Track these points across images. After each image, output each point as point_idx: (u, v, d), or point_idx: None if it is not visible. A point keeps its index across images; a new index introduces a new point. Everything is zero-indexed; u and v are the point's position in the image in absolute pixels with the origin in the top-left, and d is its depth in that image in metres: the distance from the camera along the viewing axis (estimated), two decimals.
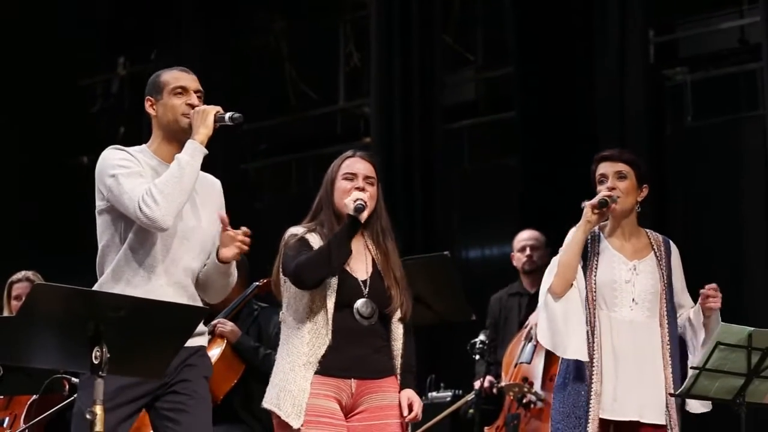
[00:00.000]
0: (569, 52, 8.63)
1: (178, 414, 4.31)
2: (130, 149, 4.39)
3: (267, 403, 4.50)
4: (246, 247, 4.34)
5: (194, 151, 4.29)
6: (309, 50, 10.97)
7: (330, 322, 4.47)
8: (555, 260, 5.04)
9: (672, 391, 4.89)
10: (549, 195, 8.24)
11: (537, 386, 6.72)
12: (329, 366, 4.46)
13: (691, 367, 4.78)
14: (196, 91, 4.45)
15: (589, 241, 5.04)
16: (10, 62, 10.40)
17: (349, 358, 4.48)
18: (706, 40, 9.01)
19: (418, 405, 4.58)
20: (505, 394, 6.86)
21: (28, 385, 5.69)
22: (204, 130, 4.32)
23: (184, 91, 4.42)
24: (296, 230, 4.60)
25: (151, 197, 4.19)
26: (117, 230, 4.33)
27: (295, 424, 4.40)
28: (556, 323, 4.94)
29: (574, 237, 4.99)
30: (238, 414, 6.08)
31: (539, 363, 6.76)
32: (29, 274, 6.89)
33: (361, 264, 4.59)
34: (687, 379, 4.77)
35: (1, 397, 6.42)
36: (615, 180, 5.02)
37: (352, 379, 4.49)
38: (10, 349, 3.80)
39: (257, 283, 6.20)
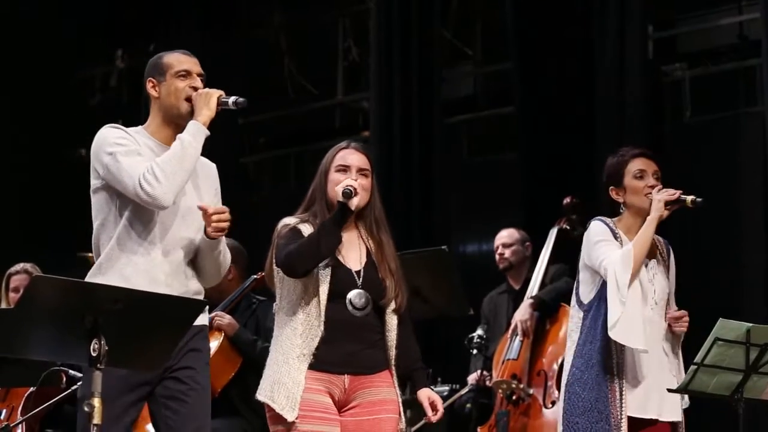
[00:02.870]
0: (568, 47, 8.63)
1: (177, 403, 4.32)
2: (128, 129, 4.40)
3: (261, 395, 4.49)
4: (221, 224, 4.31)
5: (197, 131, 4.31)
6: (308, 44, 10.96)
7: (322, 313, 4.45)
8: (624, 251, 4.90)
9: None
10: (547, 190, 8.24)
11: (525, 382, 6.74)
12: (322, 361, 4.45)
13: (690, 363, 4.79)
14: (198, 75, 4.46)
15: (614, 234, 5.01)
16: (9, 55, 10.39)
17: (343, 353, 4.47)
18: (705, 36, 9.00)
19: (440, 403, 4.60)
20: (496, 391, 6.87)
21: (26, 377, 5.69)
22: (207, 111, 4.34)
23: (187, 74, 4.44)
24: (289, 221, 4.59)
25: (153, 175, 4.20)
26: (113, 209, 4.34)
27: (290, 417, 4.39)
28: (632, 312, 4.85)
29: (647, 230, 4.91)
30: (235, 407, 6.08)
31: (526, 358, 6.77)
32: (27, 266, 6.89)
33: (354, 255, 4.57)
34: (685, 375, 4.78)
35: None
36: (655, 179, 5.03)
37: (346, 375, 4.49)
38: (8, 340, 3.80)
39: (255, 276, 6.20)
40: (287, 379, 4.42)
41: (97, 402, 3.73)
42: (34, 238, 9.82)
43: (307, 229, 4.52)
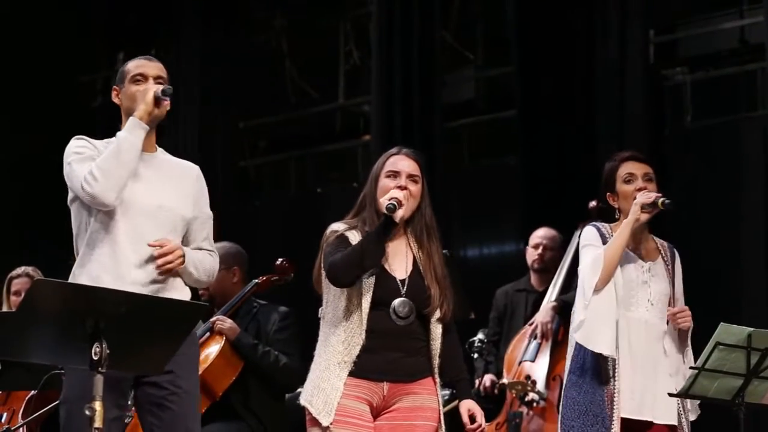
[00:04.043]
0: (569, 50, 8.63)
1: (160, 409, 4.34)
2: (95, 140, 4.48)
3: (302, 399, 4.53)
4: (167, 267, 4.34)
5: (132, 126, 4.37)
6: (309, 48, 10.96)
7: (364, 321, 4.45)
8: (600, 255, 4.93)
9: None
10: (548, 194, 8.24)
11: (540, 385, 6.72)
12: (363, 368, 4.46)
13: (690, 367, 4.78)
14: (156, 78, 4.49)
15: (608, 239, 5.02)
16: (11, 58, 10.39)
17: (384, 361, 4.47)
18: (707, 41, 8.99)
19: (480, 415, 4.60)
20: (507, 392, 6.85)
21: (27, 381, 5.69)
22: (143, 106, 4.40)
23: (143, 78, 4.48)
24: (337, 227, 4.58)
25: (92, 175, 4.28)
26: (84, 215, 4.42)
27: (325, 422, 4.42)
28: (597, 317, 4.88)
29: (621, 234, 4.92)
30: (236, 411, 6.08)
31: (544, 362, 6.75)
32: (29, 269, 6.89)
33: (401, 263, 4.57)
34: (686, 379, 4.78)
35: (0, 392, 6.42)
36: (644, 181, 5.02)
37: (385, 382, 4.49)
38: (10, 344, 3.80)
39: (257, 281, 6.21)
40: (327, 384, 4.45)
41: (98, 405, 3.73)
42: (34, 243, 9.81)
43: (354, 237, 4.51)
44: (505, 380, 6.86)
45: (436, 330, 4.56)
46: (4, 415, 6.42)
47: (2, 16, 10.36)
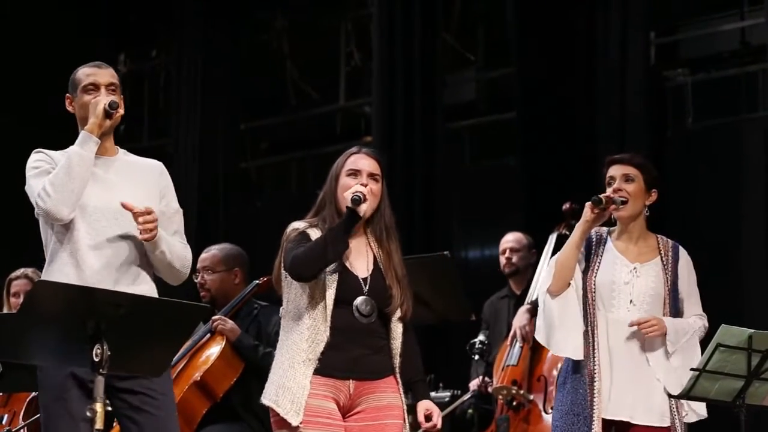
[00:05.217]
0: (570, 52, 8.63)
1: (137, 413, 4.33)
2: (53, 151, 4.49)
3: (265, 399, 4.49)
4: (148, 225, 4.29)
5: (83, 140, 4.38)
6: (310, 49, 10.96)
7: (329, 318, 4.44)
8: (554, 260, 5.04)
9: (668, 389, 4.89)
10: (549, 195, 8.23)
11: (524, 387, 6.74)
12: (328, 366, 4.44)
13: (691, 369, 4.78)
14: (108, 86, 4.50)
15: (594, 243, 5.05)
16: (11, 59, 10.39)
17: (348, 358, 4.46)
18: (708, 42, 9.00)
19: (437, 415, 4.59)
20: (495, 397, 6.87)
21: (28, 383, 5.67)
22: (93, 119, 4.40)
23: (95, 87, 4.49)
24: (298, 225, 4.58)
25: (44, 191, 4.30)
26: (47, 229, 4.45)
27: (294, 422, 4.38)
28: (552, 321, 4.95)
29: (571, 236, 5.01)
30: (237, 412, 6.07)
31: (526, 364, 6.77)
32: (28, 271, 6.89)
33: (362, 261, 4.57)
34: (687, 381, 4.78)
35: (1, 394, 6.42)
36: (622, 182, 5.03)
37: (351, 380, 4.48)
38: (11, 346, 3.81)
39: (257, 282, 6.20)
40: (292, 383, 4.42)
41: (99, 407, 3.73)
42: (34, 243, 9.80)
43: (315, 234, 4.51)
44: (492, 386, 6.88)
45: (397, 329, 4.57)
46: (5, 416, 6.42)
47: (2, 16, 10.37)
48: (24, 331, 3.73)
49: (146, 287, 4.43)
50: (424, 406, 4.60)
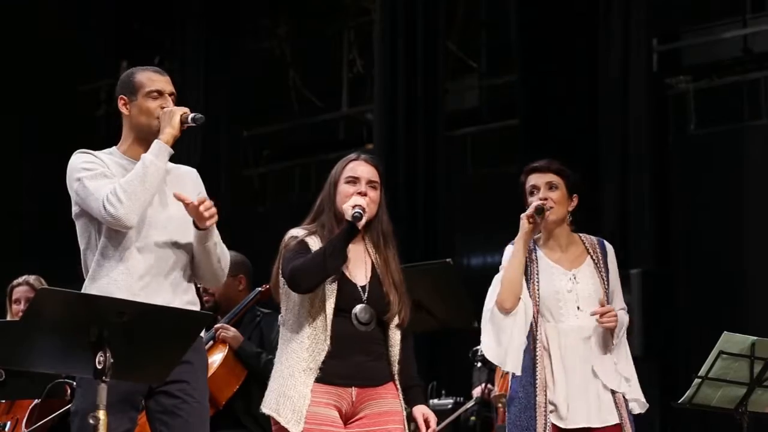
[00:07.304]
0: (572, 59, 8.64)
1: (170, 417, 4.31)
2: (97, 152, 4.42)
3: (266, 408, 4.48)
4: (210, 211, 4.29)
5: (159, 150, 4.31)
6: (312, 56, 10.98)
7: (329, 327, 4.44)
8: (498, 277, 4.99)
9: (614, 388, 4.86)
10: None
11: None
12: (330, 374, 4.43)
13: (694, 376, 4.78)
14: (170, 94, 4.45)
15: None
16: (14, 67, 10.41)
17: (349, 365, 4.46)
18: (710, 49, 9.01)
19: (434, 420, 4.59)
20: (495, 405, 6.86)
21: (31, 390, 5.68)
22: (170, 130, 4.34)
23: (159, 94, 4.43)
24: (296, 232, 4.56)
25: (116, 196, 4.23)
26: (92, 231, 4.37)
27: (295, 430, 4.37)
28: (503, 338, 4.90)
29: (514, 251, 4.96)
30: (240, 419, 6.07)
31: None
32: (30, 278, 6.88)
33: (360, 269, 4.56)
34: (689, 388, 4.77)
35: (3, 401, 6.42)
36: (546, 191, 5.01)
37: (353, 387, 4.48)
38: (13, 353, 3.80)
39: (260, 289, 6.20)
40: (293, 392, 4.41)
41: (102, 414, 3.73)
42: (38, 249, 9.82)
43: (314, 242, 4.50)
44: (493, 394, 6.87)
45: (395, 336, 4.56)
46: (8, 423, 6.42)
47: (4, 24, 10.38)
48: (26, 338, 3.72)
49: (191, 297, 4.43)
50: (420, 410, 4.59)
